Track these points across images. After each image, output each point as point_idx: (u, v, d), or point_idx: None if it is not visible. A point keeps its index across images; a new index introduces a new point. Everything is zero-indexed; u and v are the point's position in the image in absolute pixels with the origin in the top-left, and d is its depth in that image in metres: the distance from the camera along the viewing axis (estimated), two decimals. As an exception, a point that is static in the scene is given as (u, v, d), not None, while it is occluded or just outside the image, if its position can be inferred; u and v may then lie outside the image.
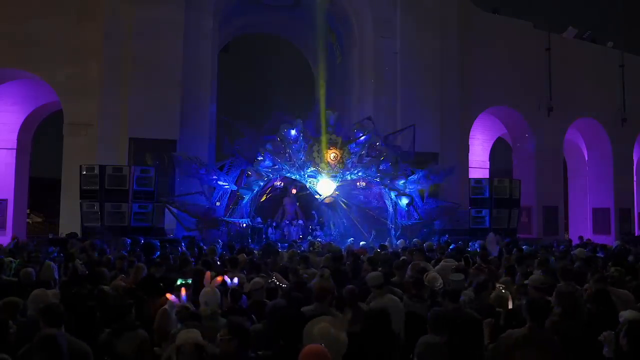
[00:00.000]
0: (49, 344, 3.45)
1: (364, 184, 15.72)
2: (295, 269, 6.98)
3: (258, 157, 14.50)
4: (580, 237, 17.42)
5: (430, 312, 4.33)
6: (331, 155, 14.66)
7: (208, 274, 5.33)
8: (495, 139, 23.68)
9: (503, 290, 6.02)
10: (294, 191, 16.26)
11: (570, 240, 15.99)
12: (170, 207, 14.07)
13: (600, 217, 22.32)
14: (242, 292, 5.72)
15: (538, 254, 9.61)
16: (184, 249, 10.77)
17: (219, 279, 5.29)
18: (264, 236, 14.57)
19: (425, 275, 6.23)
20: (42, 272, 7.17)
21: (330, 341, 3.44)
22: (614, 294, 5.36)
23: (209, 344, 3.82)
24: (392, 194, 15.01)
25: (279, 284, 6.38)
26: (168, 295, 4.89)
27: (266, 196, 15.91)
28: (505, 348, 4.12)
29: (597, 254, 10.53)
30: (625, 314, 4.27)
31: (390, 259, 8.63)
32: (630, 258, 9.26)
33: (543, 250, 10.95)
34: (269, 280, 6.40)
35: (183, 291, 4.93)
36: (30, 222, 26.28)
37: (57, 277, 7.30)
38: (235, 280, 5.71)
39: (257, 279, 5.92)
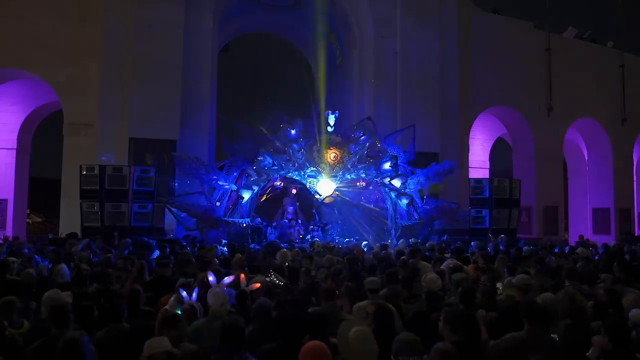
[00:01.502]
0: (73, 347, 3.43)
1: (364, 184, 15.72)
2: (308, 269, 6.96)
3: (258, 157, 14.50)
4: (581, 236, 17.43)
5: (446, 311, 4.12)
6: (331, 155, 14.67)
7: (243, 275, 5.36)
8: (495, 139, 23.67)
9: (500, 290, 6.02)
10: (294, 191, 16.24)
11: (564, 240, 15.97)
12: (170, 207, 14.06)
13: (600, 217, 22.31)
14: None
15: (539, 254, 9.63)
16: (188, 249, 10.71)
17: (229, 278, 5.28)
18: (263, 236, 14.56)
19: (423, 277, 6.17)
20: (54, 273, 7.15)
21: (368, 345, 3.38)
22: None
23: (184, 345, 3.77)
24: (392, 194, 15.00)
25: (277, 282, 6.37)
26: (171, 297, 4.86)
27: (266, 196, 15.89)
28: (506, 352, 4.08)
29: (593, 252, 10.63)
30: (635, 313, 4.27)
31: (390, 259, 8.63)
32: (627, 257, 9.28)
33: (543, 250, 10.94)
34: (266, 279, 6.40)
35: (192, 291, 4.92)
36: (30, 222, 26.28)
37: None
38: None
39: (257, 278, 5.93)
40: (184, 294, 4.76)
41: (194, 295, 4.86)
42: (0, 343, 4.15)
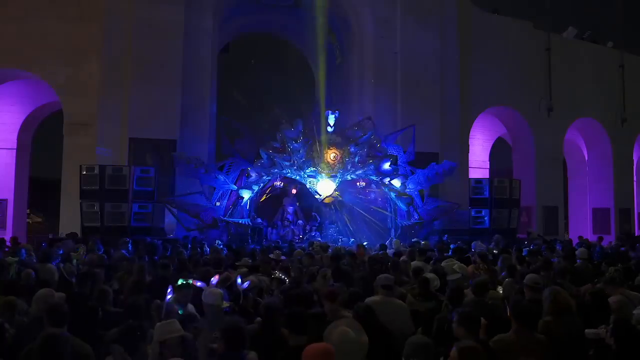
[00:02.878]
0: (52, 343, 3.42)
1: (364, 184, 15.72)
2: (288, 267, 7.03)
3: (258, 157, 14.51)
4: (580, 237, 17.40)
5: (460, 313, 4.09)
6: (331, 155, 14.67)
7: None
8: (495, 139, 23.68)
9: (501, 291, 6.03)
10: (294, 191, 16.24)
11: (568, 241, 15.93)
12: (170, 207, 14.07)
13: (600, 217, 22.30)
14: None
15: (542, 253, 9.63)
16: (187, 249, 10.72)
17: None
18: (263, 236, 14.57)
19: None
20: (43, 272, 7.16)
21: (351, 344, 3.39)
22: (626, 295, 5.33)
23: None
24: (392, 194, 15.00)
25: (283, 277, 6.41)
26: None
27: (266, 196, 15.90)
28: (496, 353, 4.07)
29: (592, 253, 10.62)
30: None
31: (389, 259, 8.63)
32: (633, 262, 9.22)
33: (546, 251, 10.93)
34: (273, 276, 6.45)
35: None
36: (30, 222, 26.23)
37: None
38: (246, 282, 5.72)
39: (250, 278, 5.95)
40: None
41: (168, 296, 4.91)
42: (2, 345, 4.14)
